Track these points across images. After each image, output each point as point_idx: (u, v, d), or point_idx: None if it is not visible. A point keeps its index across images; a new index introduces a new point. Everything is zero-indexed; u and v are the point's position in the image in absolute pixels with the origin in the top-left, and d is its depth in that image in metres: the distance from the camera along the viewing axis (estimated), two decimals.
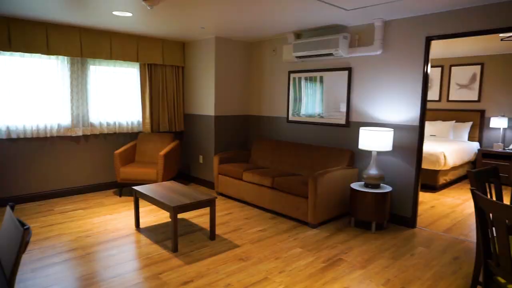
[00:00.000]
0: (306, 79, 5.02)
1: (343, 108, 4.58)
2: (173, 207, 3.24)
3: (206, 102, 5.59)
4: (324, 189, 3.97)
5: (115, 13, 3.98)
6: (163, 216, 4.32)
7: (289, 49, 4.93)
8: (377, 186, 3.95)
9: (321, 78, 4.82)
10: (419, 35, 3.85)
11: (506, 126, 6.54)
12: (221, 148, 5.62)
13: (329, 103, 4.75)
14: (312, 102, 4.97)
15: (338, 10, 3.74)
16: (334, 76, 4.66)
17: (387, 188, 3.94)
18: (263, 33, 5.03)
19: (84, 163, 5.25)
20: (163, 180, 4.96)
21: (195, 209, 3.44)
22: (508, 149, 6.41)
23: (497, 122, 6.56)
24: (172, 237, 3.30)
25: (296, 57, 4.81)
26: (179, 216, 4.35)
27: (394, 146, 4.14)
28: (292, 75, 5.20)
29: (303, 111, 5.09)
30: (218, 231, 3.88)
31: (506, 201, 5.27)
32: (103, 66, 5.24)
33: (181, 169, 6.32)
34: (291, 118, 5.26)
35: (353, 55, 4.38)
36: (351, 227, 4.04)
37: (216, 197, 3.59)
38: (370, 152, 4.34)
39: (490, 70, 6.88)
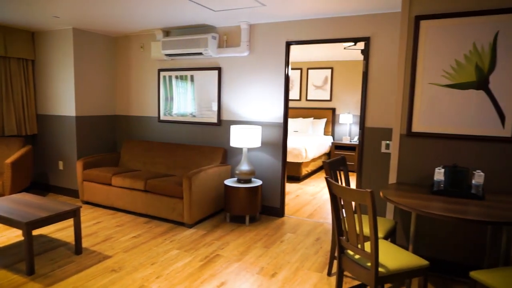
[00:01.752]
0: (177, 77, 4.95)
1: (215, 107, 4.68)
2: (26, 223, 2.80)
3: (64, 101, 4.98)
4: (199, 187, 3.99)
5: None
6: (14, 235, 3.69)
7: (158, 46, 4.78)
8: (248, 181, 4.17)
9: (192, 77, 4.82)
10: (281, 40, 4.21)
11: (351, 121, 7.71)
12: (85, 152, 5.10)
13: (201, 102, 4.79)
14: (184, 101, 4.93)
15: (206, 10, 3.79)
16: (205, 76, 4.72)
17: (258, 182, 4.20)
18: (129, 27, 4.75)
19: None
20: (12, 192, 4.23)
21: (55, 223, 3.04)
22: (353, 141, 7.56)
23: (345, 119, 7.67)
24: (26, 258, 2.85)
25: (166, 55, 4.70)
26: (36, 232, 3.78)
27: (262, 142, 4.43)
28: (162, 73, 5.05)
29: (175, 110, 5.01)
30: (85, 243, 3.51)
31: (353, 185, 6.20)
32: None
33: (36, 178, 5.50)
34: (162, 117, 5.12)
35: (222, 55, 4.51)
36: (226, 223, 4.17)
37: (81, 207, 3.25)
38: (241, 149, 4.55)
39: (338, 74, 7.98)
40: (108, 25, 4.58)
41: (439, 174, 2.60)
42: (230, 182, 4.20)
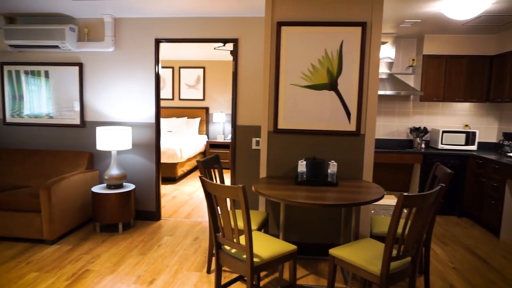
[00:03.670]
0: (27, 73, 4.28)
1: (77, 107, 4.22)
2: None
3: None
4: (60, 198, 3.54)
5: None
6: None
7: (0, 35, 4.04)
8: (120, 186, 3.90)
9: (47, 73, 4.24)
10: (149, 37, 4.04)
11: (225, 120, 7.94)
12: None
13: (60, 102, 4.26)
14: (37, 101, 4.30)
15: None
16: (63, 72, 4.21)
17: (130, 187, 3.96)
18: None
19: None
20: None
21: None
22: (227, 139, 7.81)
23: (218, 117, 7.86)
24: None
25: (11, 45, 4.01)
26: None
27: (133, 144, 4.19)
28: (6, 67, 4.30)
29: (26, 111, 4.33)
30: None
31: (228, 182, 6.41)
32: None
33: None
34: (9, 119, 4.36)
35: (83, 50, 4.09)
36: (96, 234, 3.81)
37: None
38: (110, 152, 4.22)
39: (210, 73, 8.11)
40: None
41: (301, 166, 2.89)
42: (98, 188, 3.85)
